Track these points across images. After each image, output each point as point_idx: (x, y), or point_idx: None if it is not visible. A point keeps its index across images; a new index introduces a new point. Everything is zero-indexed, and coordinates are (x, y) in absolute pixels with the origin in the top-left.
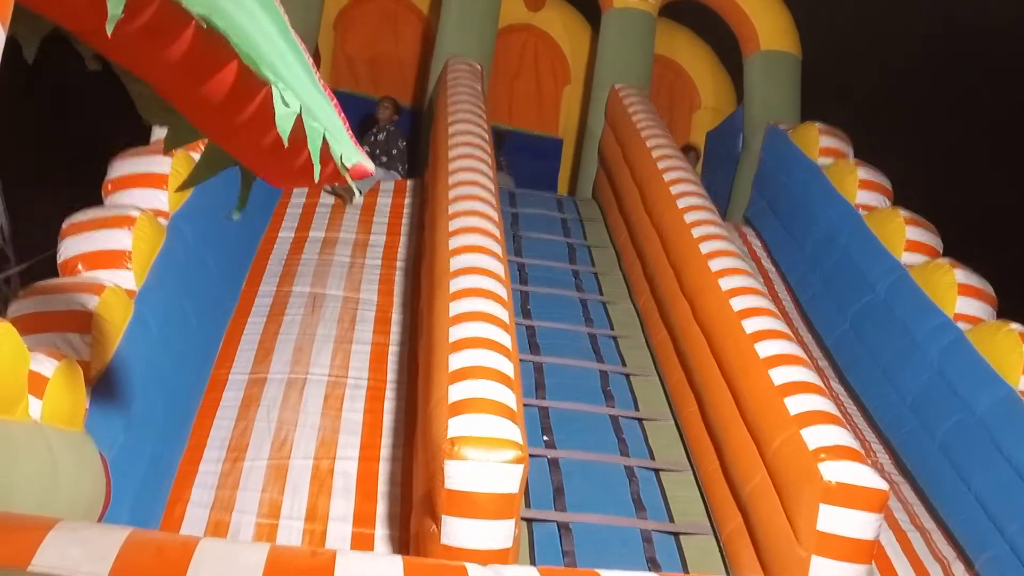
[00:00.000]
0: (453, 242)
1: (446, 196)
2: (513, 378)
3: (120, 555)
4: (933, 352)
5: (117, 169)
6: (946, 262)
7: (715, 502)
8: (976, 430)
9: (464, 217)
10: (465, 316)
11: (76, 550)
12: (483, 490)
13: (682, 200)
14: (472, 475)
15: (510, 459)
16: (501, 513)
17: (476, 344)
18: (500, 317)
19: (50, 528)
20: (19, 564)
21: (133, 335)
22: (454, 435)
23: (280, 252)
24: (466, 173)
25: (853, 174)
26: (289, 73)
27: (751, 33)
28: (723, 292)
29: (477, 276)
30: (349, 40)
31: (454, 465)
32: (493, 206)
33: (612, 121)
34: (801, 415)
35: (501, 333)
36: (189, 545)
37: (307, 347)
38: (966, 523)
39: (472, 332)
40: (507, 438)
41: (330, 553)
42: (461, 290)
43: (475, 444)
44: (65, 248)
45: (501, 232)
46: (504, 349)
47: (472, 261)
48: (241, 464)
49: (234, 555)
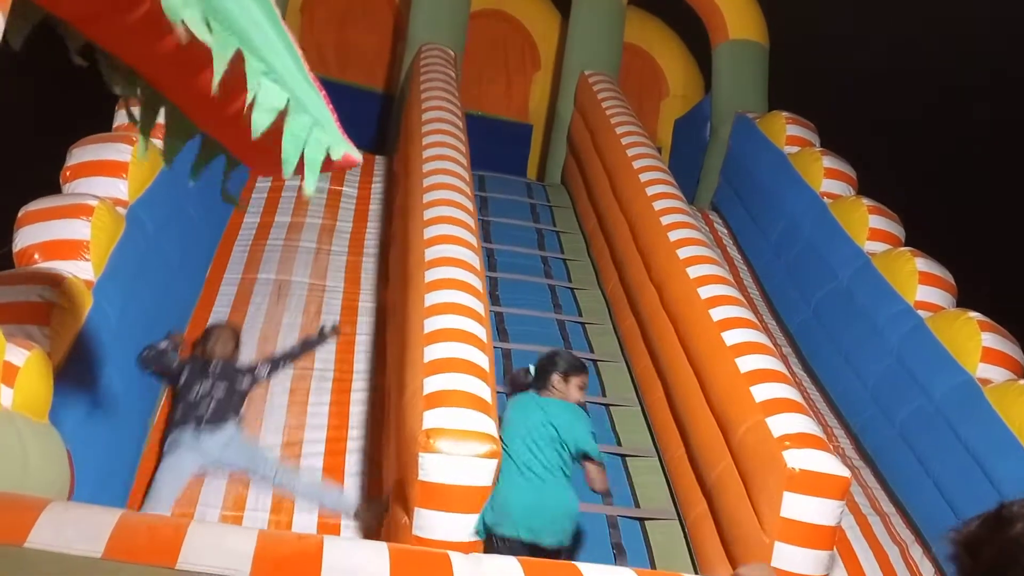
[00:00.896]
0: (428, 232)
1: (420, 184)
2: (488, 371)
3: (113, 535)
4: (893, 339)
5: (76, 156)
6: (907, 250)
7: (681, 488)
8: (934, 416)
9: (439, 207)
10: (440, 308)
11: (70, 529)
12: (456, 483)
13: (651, 188)
14: (446, 468)
15: (484, 453)
16: (473, 506)
17: (451, 336)
18: (475, 309)
19: (44, 508)
20: (15, 541)
21: (93, 326)
22: (429, 427)
23: (245, 238)
24: (441, 161)
25: (818, 163)
26: (279, 63)
27: (719, 22)
28: (691, 280)
29: (452, 267)
30: (317, 25)
31: (429, 458)
32: (468, 196)
33: (581, 107)
34: (766, 403)
35: (476, 326)
36: (181, 527)
37: (272, 336)
38: (924, 507)
39: (447, 324)
40: (481, 431)
41: (317, 538)
42: (436, 281)
43: (450, 437)
44: (21, 237)
45: (476, 222)
46: (479, 342)
47: (447, 251)
48: None
49: (225, 538)
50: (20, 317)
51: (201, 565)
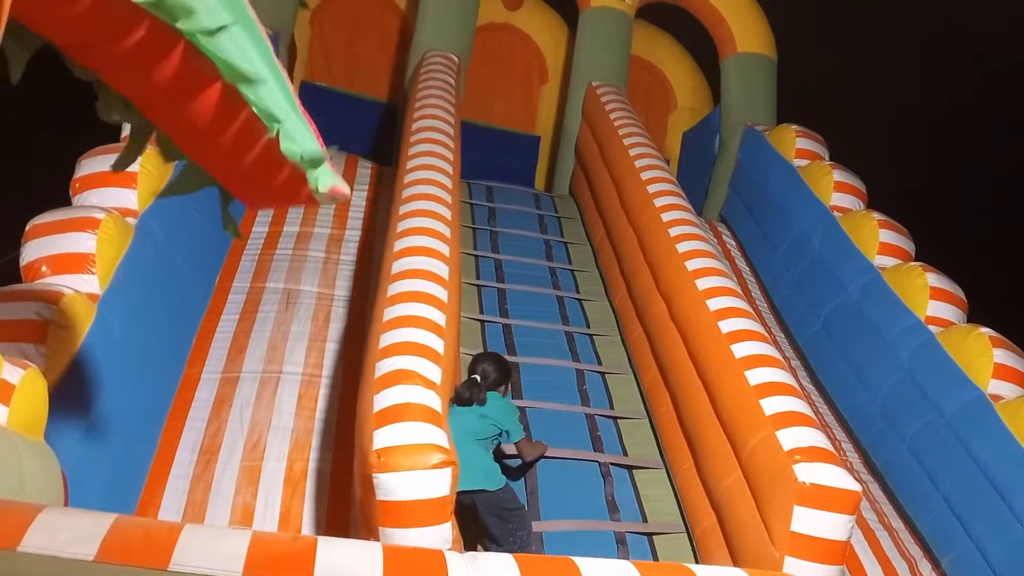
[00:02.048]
0: (398, 244)
1: (400, 195)
2: (439, 383)
3: (106, 538)
4: (904, 354)
5: (85, 167)
6: (918, 265)
7: (689, 501)
8: (945, 432)
9: (413, 218)
10: (397, 322)
11: (64, 533)
12: (415, 497)
13: (659, 199)
14: (401, 485)
15: (436, 463)
16: (435, 518)
17: (403, 350)
18: (435, 321)
19: (38, 512)
20: (8, 546)
21: (95, 341)
22: (379, 447)
23: (254, 248)
24: (423, 171)
25: (828, 176)
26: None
27: (728, 36)
28: (699, 292)
29: (417, 280)
30: (326, 36)
31: (383, 477)
32: (447, 204)
33: (589, 119)
34: (776, 416)
35: (432, 337)
36: (174, 529)
37: (281, 344)
38: (933, 523)
39: (401, 338)
40: (431, 443)
41: (311, 539)
42: (397, 294)
43: (399, 454)
44: (28, 251)
45: (454, 231)
46: (433, 353)
47: (414, 264)
48: (214, 467)
49: (218, 539)
50: (16, 335)
51: (193, 567)
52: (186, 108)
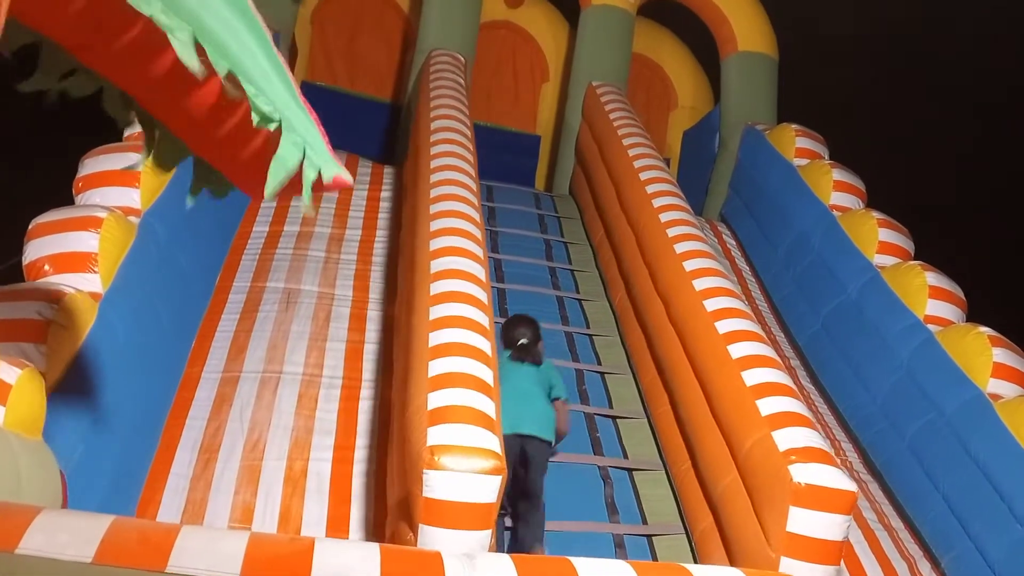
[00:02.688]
0: (434, 243)
1: (427, 195)
2: (492, 386)
3: (104, 539)
4: (903, 353)
5: (88, 167)
6: (917, 264)
7: (687, 501)
8: (944, 431)
9: (445, 218)
10: (445, 321)
11: (62, 535)
12: (461, 500)
13: (657, 199)
14: (450, 485)
15: (488, 469)
16: (478, 523)
17: (456, 351)
18: (480, 322)
19: (36, 514)
20: (7, 548)
21: (97, 340)
22: (433, 444)
23: (254, 247)
24: (448, 172)
25: (828, 175)
26: (270, 89)
27: (729, 34)
28: (697, 292)
29: (458, 280)
30: (327, 35)
31: (433, 474)
32: (475, 206)
33: (589, 119)
34: (772, 417)
35: (481, 340)
36: (172, 531)
37: (281, 344)
38: (933, 522)
39: (452, 338)
40: (486, 448)
41: (309, 540)
42: (441, 294)
43: (454, 453)
44: (31, 250)
45: (482, 233)
46: (484, 356)
47: (453, 264)
48: (213, 466)
49: (216, 540)
50: (16, 335)
51: (192, 568)
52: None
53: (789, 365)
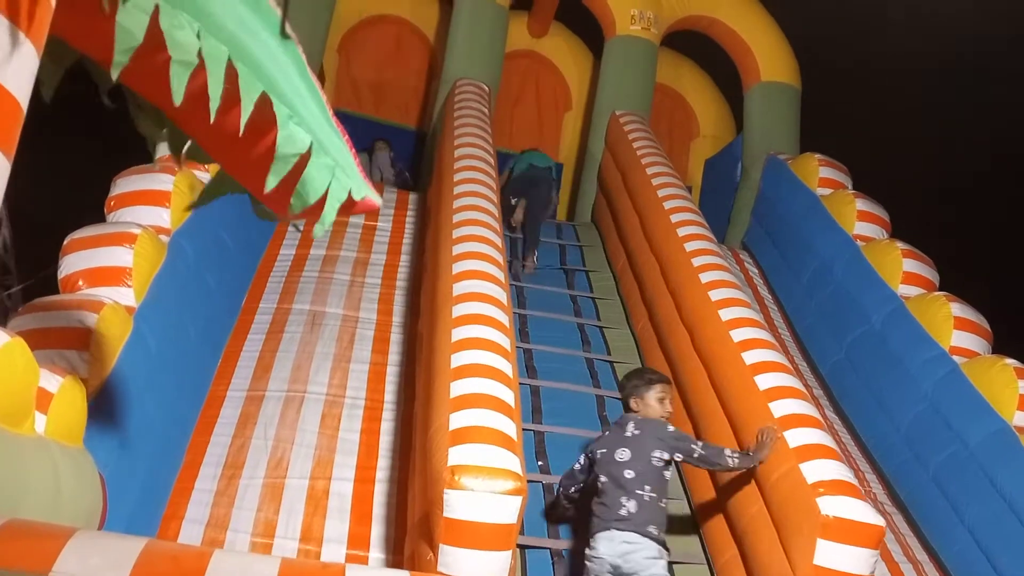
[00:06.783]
0: (456, 267)
1: (450, 220)
2: (513, 407)
3: (138, 563)
4: (928, 384)
5: (120, 186)
6: (943, 295)
7: (710, 532)
8: (969, 463)
9: (467, 242)
10: (467, 343)
11: (95, 558)
12: (482, 520)
13: (682, 228)
14: (471, 505)
15: (509, 490)
16: (499, 544)
17: (477, 372)
18: (502, 345)
19: (69, 536)
20: (40, 570)
21: (131, 352)
22: (454, 464)
23: (281, 270)
24: (471, 198)
25: (851, 205)
26: (305, 110)
27: (752, 64)
28: (723, 323)
29: (479, 303)
30: (353, 64)
31: (454, 494)
32: (497, 231)
33: (612, 147)
34: (800, 448)
35: (502, 361)
36: (204, 556)
37: (305, 365)
38: (958, 555)
39: (474, 359)
40: (507, 468)
41: (340, 567)
42: (463, 316)
43: (475, 474)
44: (66, 264)
45: (504, 257)
46: (505, 378)
47: (475, 287)
48: (237, 482)
49: (248, 567)
50: (61, 342)
51: None
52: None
53: (813, 396)
